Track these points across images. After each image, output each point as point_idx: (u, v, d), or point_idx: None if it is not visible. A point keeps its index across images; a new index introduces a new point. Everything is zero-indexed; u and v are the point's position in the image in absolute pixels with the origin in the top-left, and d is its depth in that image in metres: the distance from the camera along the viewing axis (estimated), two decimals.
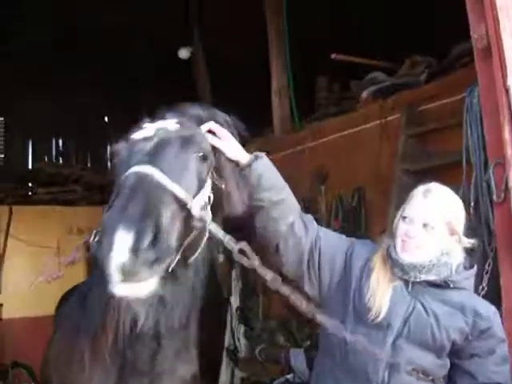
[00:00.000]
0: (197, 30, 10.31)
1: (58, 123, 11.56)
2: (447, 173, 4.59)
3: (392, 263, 2.63)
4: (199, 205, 2.34)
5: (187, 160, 2.37)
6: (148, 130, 2.43)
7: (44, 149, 12.05)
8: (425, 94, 5.53)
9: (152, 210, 2.02)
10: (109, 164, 11.20)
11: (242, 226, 2.70)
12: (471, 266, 2.70)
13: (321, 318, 2.42)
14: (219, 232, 2.39)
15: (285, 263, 2.77)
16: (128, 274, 1.88)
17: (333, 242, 2.83)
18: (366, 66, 7.53)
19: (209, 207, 2.45)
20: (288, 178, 6.86)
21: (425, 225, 2.55)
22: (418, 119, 5.49)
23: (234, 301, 7.92)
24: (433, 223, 2.55)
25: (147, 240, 1.90)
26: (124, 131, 2.57)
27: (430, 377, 2.59)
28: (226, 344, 8.02)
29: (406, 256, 2.57)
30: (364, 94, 6.50)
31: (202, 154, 2.45)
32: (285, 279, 2.50)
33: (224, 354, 7.65)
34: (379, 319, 2.56)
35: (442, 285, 2.60)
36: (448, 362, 2.64)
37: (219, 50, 9.77)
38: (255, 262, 2.37)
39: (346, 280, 2.74)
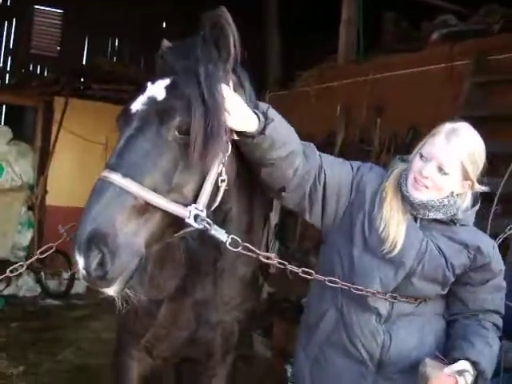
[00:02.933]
0: None
1: (116, 23, 11.67)
2: (507, 125, 4.68)
3: (402, 197, 2.60)
4: (203, 201, 2.25)
5: (170, 148, 2.20)
6: (137, 103, 2.27)
7: (100, 46, 12.20)
8: (497, 44, 5.53)
9: (106, 227, 2.01)
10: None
11: None
12: (475, 203, 2.68)
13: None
14: (222, 235, 2.30)
15: (287, 199, 2.65)
16: (90, 284, 2.07)
17: (337, 173, 2.67)
18: (437, 7, 7.48)
19: (222, 189, 2.38)
20: (347, 107, 6.97)
21: (440, 169, 2.48)
22: (486, 68, 5.50)
23: (274, 217, 7.83)
24: (449, 170, 2.48)
25: (94, 263, 2.00)
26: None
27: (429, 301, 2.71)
28: None
29: (416, 194, 2.53)
30: (434, 36, 6.50)
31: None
32: None
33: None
34: (395, 252, 2.55)
35: (448, 222, 2.62)
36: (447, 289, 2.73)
37: None
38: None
39: (353, 210, 2.67)
